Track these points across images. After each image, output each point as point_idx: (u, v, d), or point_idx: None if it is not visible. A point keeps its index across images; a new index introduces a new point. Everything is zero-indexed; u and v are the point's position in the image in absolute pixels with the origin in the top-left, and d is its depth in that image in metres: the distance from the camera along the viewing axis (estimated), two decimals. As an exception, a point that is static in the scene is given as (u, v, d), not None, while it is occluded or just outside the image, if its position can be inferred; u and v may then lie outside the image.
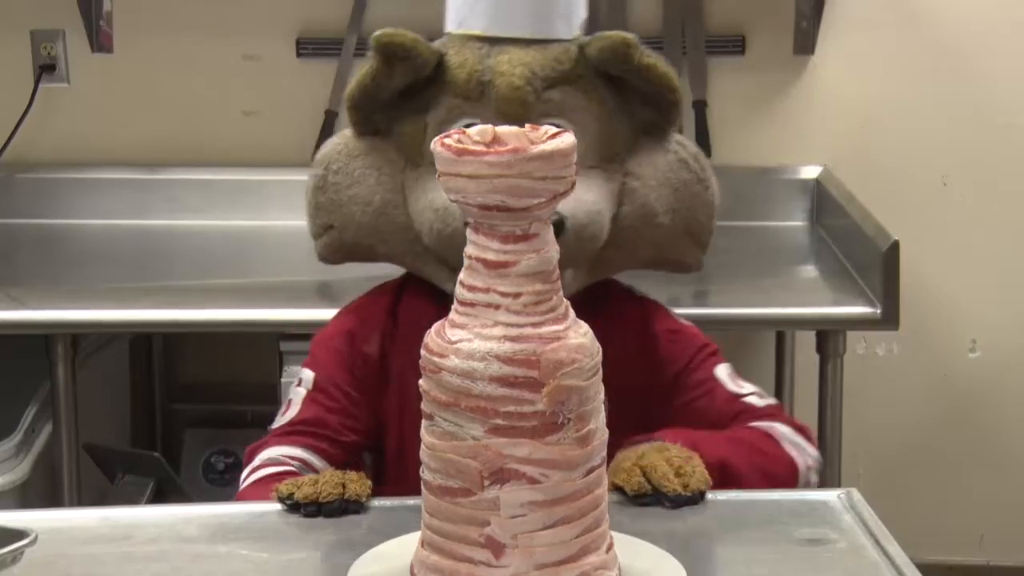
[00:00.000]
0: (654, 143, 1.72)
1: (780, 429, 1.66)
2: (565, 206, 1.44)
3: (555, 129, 1.22)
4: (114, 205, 2.88)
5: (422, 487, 1.24)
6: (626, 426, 1.51)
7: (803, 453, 1.65)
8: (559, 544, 1.19)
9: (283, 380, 2.41)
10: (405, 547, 1.27)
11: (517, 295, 1.19)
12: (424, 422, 1.22)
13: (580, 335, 1.21)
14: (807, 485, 1.64)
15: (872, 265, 2.39)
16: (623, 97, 1.70)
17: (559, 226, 1.53)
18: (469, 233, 1.22)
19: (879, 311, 2.35)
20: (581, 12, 1.71)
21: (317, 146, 2.86)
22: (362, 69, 1.69)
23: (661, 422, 1.62)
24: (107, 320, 2.45)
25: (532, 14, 1.66)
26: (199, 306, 2.45)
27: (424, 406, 1.22)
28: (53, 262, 2.74)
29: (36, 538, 1.23)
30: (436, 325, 1.23)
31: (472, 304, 1.19)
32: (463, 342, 1.18)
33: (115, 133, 2.92)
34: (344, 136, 1.76)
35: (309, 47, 2.90)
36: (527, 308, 1.19)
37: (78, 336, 2.44)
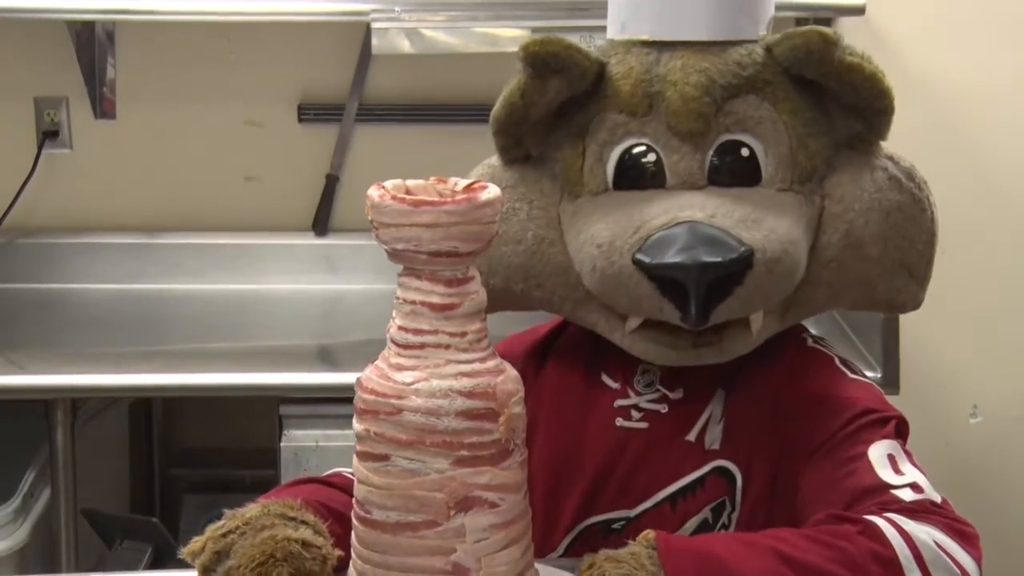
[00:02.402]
0: (859, 158, 1.41)
1: (920, 539, 1.21)
2: (752, 237, 1.31)
3: (465, 181, 1.23)
4: (115, 270, 2.88)
5: (363, 531, 1.23)
6: (774, 512, 1.35)
7: (946, 575, 1.21)
8: (513, 562, 1.24)
9: (282, 444, 2.40)
10: None
11: (464, 334, 1.23)
12: (370, 464, 1.22)
13: (508, 366, 1.26)
14: None
15: (872, 329, 2.40)
16: (821, 105, 1.41)
17: (747, 261, 1.31)
18: (407, 280, 1.22)
19: (879, 375, 2.35)
20: (769, 7, 1.44)
21: (318, 211, 2.93)
22: (509, 86, 1.41)
23: (788, 512, 1.34)
24: (106, 384, 2.44)
25: (708, 12, 1.39)
26: (199, 370, 2.45)
27: (370, 448, 1.22)
28: (53, 326, 2.73)
29: (33, 605, 1.22)
30: (371, 371, 1.22)
31: (421, 346, 1.22)
32: (420, 382, 1.21)
33: (117, 198, 2.92)
34: (489, 165, 1.48)
35: (310, 112, 2.91)
36: (473, 345, 1.23)
37: (77, 400, 2.44)
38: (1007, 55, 2.88)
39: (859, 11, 2.74)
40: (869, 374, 2.31)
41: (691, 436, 1.41)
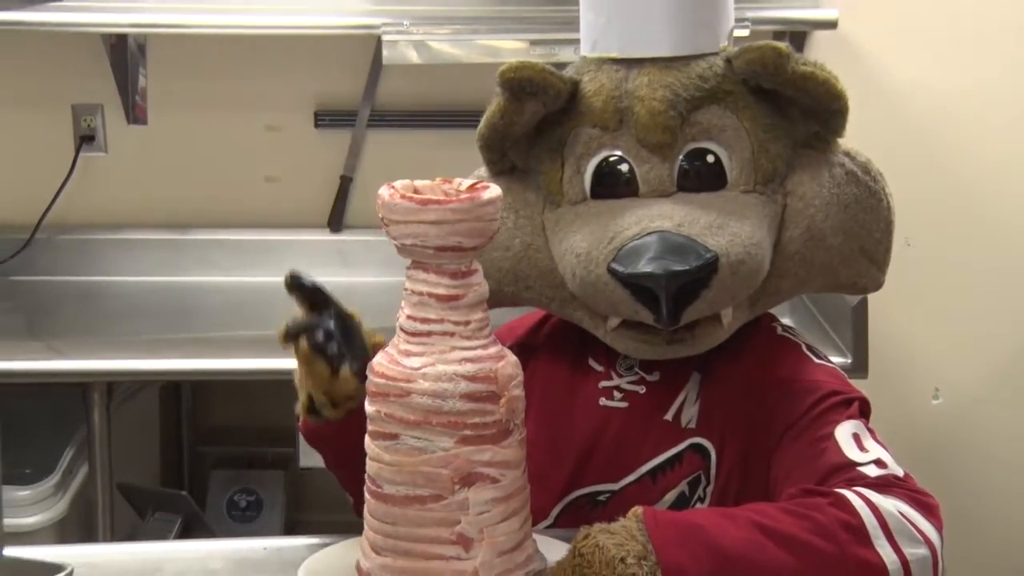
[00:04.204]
0: (818, 157, 1.40)
1: (886, 509, 1.21)
2: (717, 243, 1.31)
3: (469, 181, 1.25)
4: (147, 263, 2.88)
5: (374, 504, 1.24)
6: (747, 486, 1.36)
7: (910, 543, 1.20)
8: (513, 532, 1.24)
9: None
10: (352, 548, 1.30)
11: (467, 323, 1.23)
12: (381, 442, 1.23)
13: (508, 352, 1.26)
14: None
15: (843, 318, 2.39)
16: (780, 110, 1.40)
17: (712, 266, 1.31)
18: (415, 272, 1.23)
19: (849, 360, 2.35)
20: (728, 20, 1.43)
21: (333, 209, 2.92)
22: (491, 107, 1.41)
23: (758, 486, 1.35)
24: (139, 369, 2.45)
25: (671, 29, 1.38)
26: (224, 355, 2.45)
27: (382, 428, 1.23)
28: (90, 316, 2.74)
29: (72, 572, 1.22)
30: (381, 356, 1.23)
31: (428, 334, 1.23)
32: (427, 367, 1.21)
33: (148, 197, 2.92)
34: (478, 176, 1.48)
35: (326, 119, 2.91)
36: (476, 333, 1.23)
37: (112, 384, 2.44)
38: (971, 63, 2.87)
39: (832, 25, 2.73)
40: (839, 359, 2.34)
41: (668, 415, 1.41)
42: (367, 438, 1.27)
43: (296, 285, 1.37)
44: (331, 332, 1.34)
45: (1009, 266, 2.93)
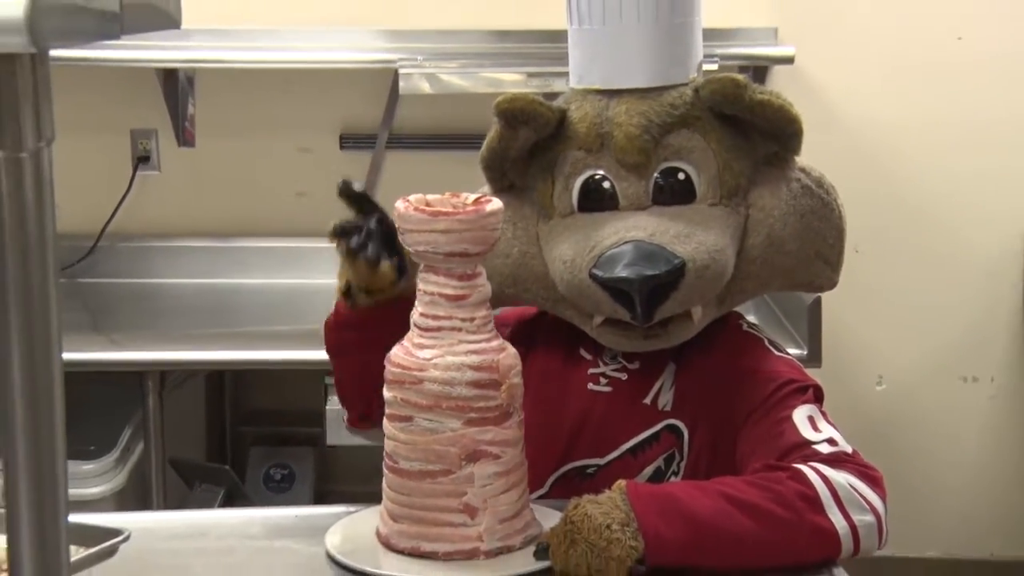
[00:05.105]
0: (776, 173, 1.39)
1: (837, 481, 1.22)
2: (684, 250, 1.31)
3: (475, 196, 1.25)
4: (194, 268, 2.88)
5: (391, 478, 1.25)
6: (715, 461, 1.35)
7: (858, 510, 1.21)
8: (512, 503, 1.25)
9: (327, 407, 2.41)
10: (373, 516, 1.30)
11: (473, 319, 1.23)
12: (397, 424, 1.24)
13: (509, 345, 1.26)
14: (862, 551, 1.22)
15: (800, 315, 2.39)
16: (742, 133, 1.38)
17: (679, 271, 1.31)
18: (426, 275, 1.23)
19: (805, 352, 2.35)
20: (696, 55, 1.43)
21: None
22: (490, 132, 1.41)
23: (725, 462, 1.34)
24: (188, 360, 2.45)
25: (645, 65, 1.38)
26: (261, 348, 2.45)
27: (397, 411, 1.23)
28: (145, 313, 2.74)
29: (129, 536, 1.22)
30: (397, 349, 1.24)
31: (438, 329, 1.23)
32: (437, 358, 1.22)
33: (196, 210, 2.92)
34: (482, 192, 1.46)
35: (350, 141, 2.91)
36: (480, 328, 1.24)
37: (165, 372, 2.44)
38: (910, 96, 2.87)
39: (789, 60, 2.74)
40: (796, 351, 2.34)
41: (647, 400, 1.41)
42: (385, 420, 1.27)
43: (346, 191, 1.39)
44: (372, 232, 1.35)
45: (942, 270, 2.93)
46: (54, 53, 0.69)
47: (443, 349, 1.22)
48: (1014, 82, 2.86)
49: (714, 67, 2.48)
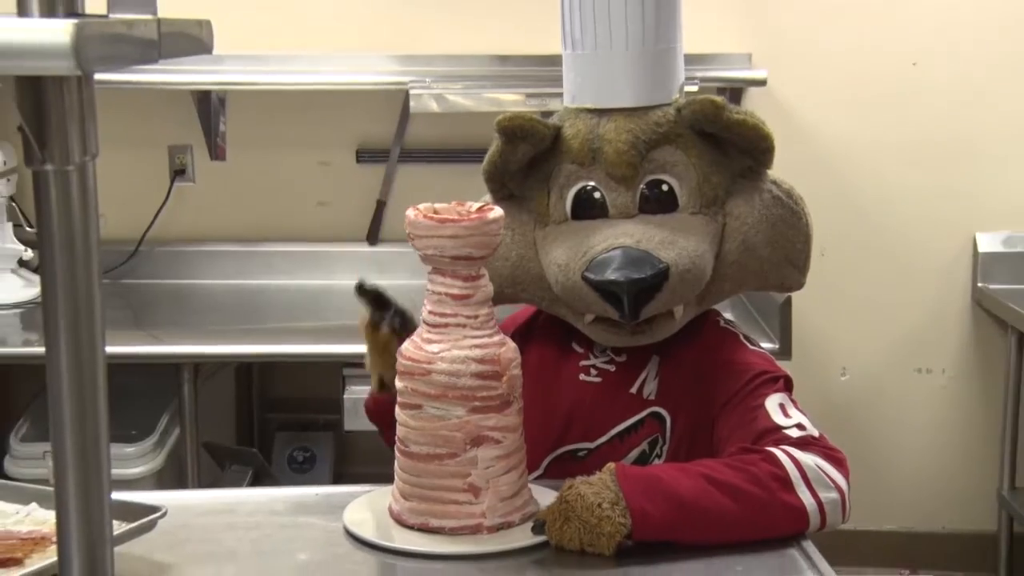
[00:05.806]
0: (750, 185, 1.39)
1: (805, 462, 1.22)
2: (668, 255, 1.32)
3: (478, 204, 1.25)
4: (226, 270, 2.88)
5: (403, 460, 1.24)
6: (695, 445, 1.34)
7: (824, 489, 1.21)
8: (512, 483, 1.24)
9: (345, 396, 2.40)
10: (386, 495, 1.30)
11: (476, 316, 1.23)
12: (408, 411, 1.24)
13: (509, 340, 1.26)
14: (828, 525, 1.22)
15: (772, 313, 2.39)
16: (720, 148, 1.39)
17: (664, 274, 1.31)
18: (434, 277, 1.23)
19: (777, 346, 2.34)
20: (679, 77, 1.43)
21: (371, 227, 2.92)
22: (491, 147, 1.42)
23: (703, 446, 1.33)
24: (219, 353, 2.44)
25: (633, 87, 1.39)
26: (286, 342, 2.45)
27: (409, 400, 1.23)
28: (182, 311, 2.73)
29: (166, 512, 1.22)
30: (408, 343, 1.25)
31: (445, 326, 1.23)
32: (444, 352, 1.22)
33: (227, 218, 2.92)
34: (484, 201, 1.47)
35: (366, 155, 2.90)
36: (483, 325, 1.23)
37: (199, 364, 2.43)
38: (870, 115, 2.87)
39: (762, 83, 2.73)
40: (768, 345, 2.34)
41: (634, 389, 1.41)
42: (397, 408, 1.26)
43: (361, 291, 1.40)
44: (395, 327, 1.37)
45: (899, 272, 2.93)
46: (98, 76, 0.69)
47: (449, 343, 1.22)
48: (964, 104, 2.86)
49: (695, 88, 2.48)
